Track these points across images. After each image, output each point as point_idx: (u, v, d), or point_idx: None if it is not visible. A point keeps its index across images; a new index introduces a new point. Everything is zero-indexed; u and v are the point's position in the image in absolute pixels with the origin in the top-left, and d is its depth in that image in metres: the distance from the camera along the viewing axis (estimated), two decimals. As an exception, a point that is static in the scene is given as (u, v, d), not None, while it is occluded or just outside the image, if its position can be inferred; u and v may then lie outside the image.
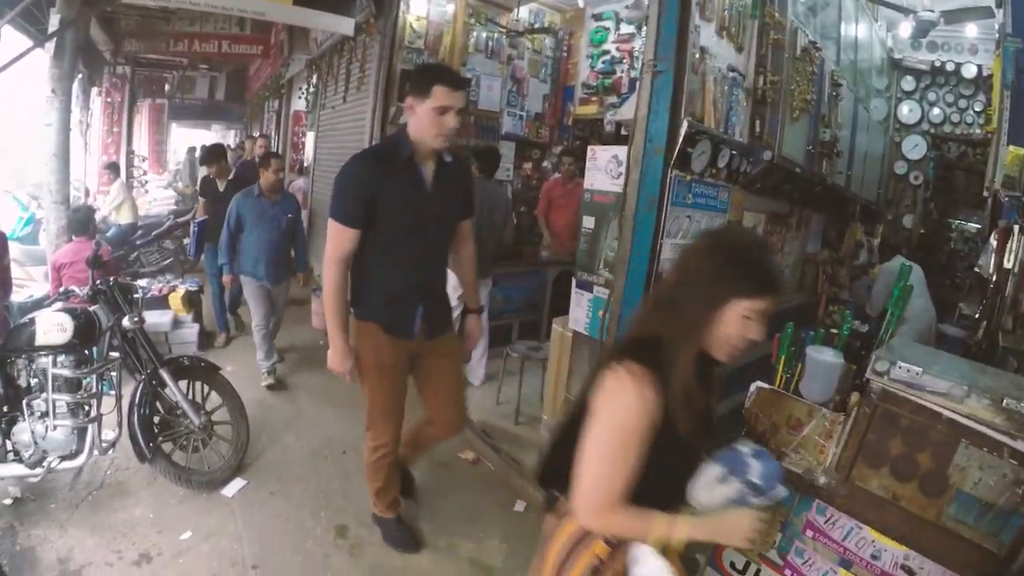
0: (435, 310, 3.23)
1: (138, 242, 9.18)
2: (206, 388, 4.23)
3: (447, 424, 3.52)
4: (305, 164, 11.27)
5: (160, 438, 3.91)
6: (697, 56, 3.51)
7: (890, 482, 2.23)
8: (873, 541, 2.24)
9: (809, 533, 2.38)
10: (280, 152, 11.83)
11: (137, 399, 3.82)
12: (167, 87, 18.56)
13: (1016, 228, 4.18)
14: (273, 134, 14.17)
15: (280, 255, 5.89)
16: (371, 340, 3.13)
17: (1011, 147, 4.03)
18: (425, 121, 2.85)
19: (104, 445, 3.72)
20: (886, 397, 2.24)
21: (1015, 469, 2.01)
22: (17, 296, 5.29)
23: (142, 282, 6.74)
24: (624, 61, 7.35)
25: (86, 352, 3.74)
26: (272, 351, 5.94)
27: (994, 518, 2.03)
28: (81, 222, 5.95)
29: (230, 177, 7.15)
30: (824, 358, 2.49)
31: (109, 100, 14.91)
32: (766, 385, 2.59)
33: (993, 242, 4.62)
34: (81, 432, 3.65)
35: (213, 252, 6.64)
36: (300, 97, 11.95)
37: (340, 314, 3.04)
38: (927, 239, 8.59)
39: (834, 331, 2.81)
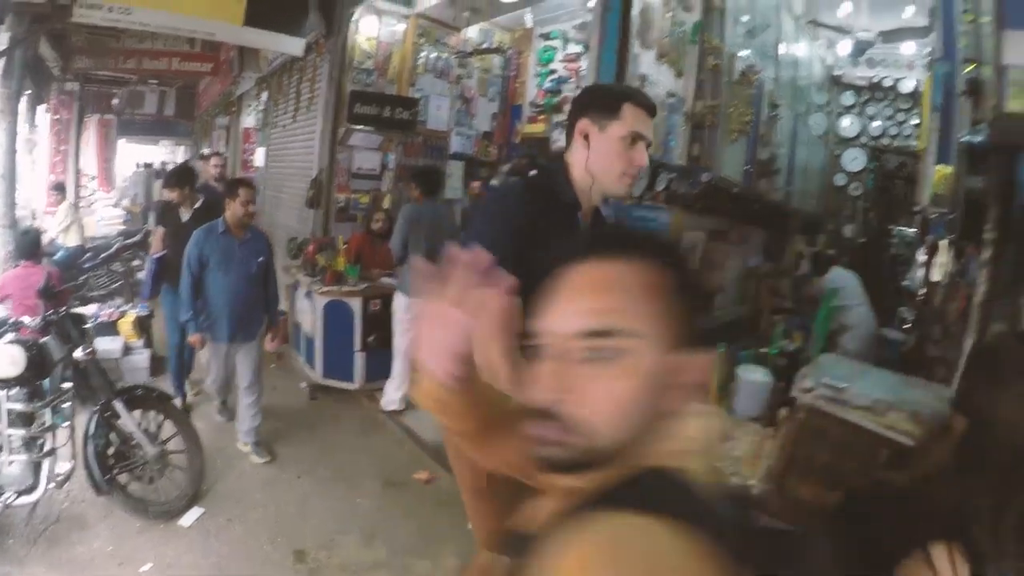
0: None
1: (86, 265, 8.99)
2: (160, 417, 4.21)
3: None
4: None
5: (116, 469, 3.90)
6: (637, 84, 3.65)
7: (820, 491, 2.35)
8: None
9: (747, 542, 2.50)
10: (222, 163, 11.72)
11: (91, 431, 3.81)
12: (115, 102, 18.26)
13: (943, 243, 4.38)
14: (223, 151, 14.06)
15: (249, 307, 4.90)
16: None
17: (938, 166, 4.21)
18: (607, 152, 2.10)
19: (60, 478, 3.72)
20: (812, 412, 2.38)
21: None
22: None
23: (91, 307, 6.66)
24: (571, 80, 7.47)
25: (38, 384, 3.72)
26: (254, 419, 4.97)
27: None
28: (29, 246, 5.89)
29: (197, 205, 5.83)
30: (754, 377, 2.64)
31: (57, 117, 14.64)
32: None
33: (922, 256, 4.83)
34: (36, 466, 3.64)
35: (173, 295, 5.38)
36: (250, 114, 11.91)
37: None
38: (868, 247, 8.84)
39: (764, 350, 2.95)
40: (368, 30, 7.31)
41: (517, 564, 0.91)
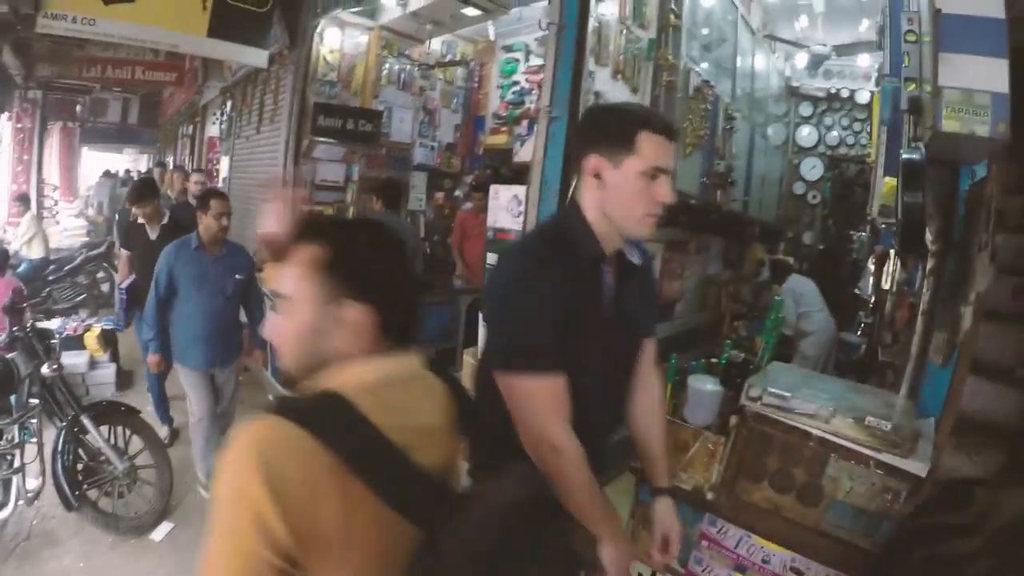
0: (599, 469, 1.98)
1: (50, 278, 8.91)
2: (127, 432, 4.20)
3: None
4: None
5: (85, 485, 3.90)
6: (592, 101, 3.76)
7: (771, 494, 2.48)
8: (762, 547, 2.47)
9: (704, 543, 2.61)
10: (203, 180, 11.63)
11: (60, 447, 3.82)
12: (79, 109, 18.07)
13: (892, 252, 4.53)
14: (187, 160, 13.99)
15: (227, 329, 4.48)
16: None
17: (887, 178, 4.33)
18: (626, 193, 1.75)
19: (29, 495, 3.75)
20: (760, 419, 2.50)
21: (882, 478, 2.27)
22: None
23: (56, 321, 6.62)
24: (534, 92, 7.56)
25: (5, 401, 3.75)
26: (213, 455, 4.39)
27: (868, 521, 2.29)
28: (-2, 262, 5.88)
29: (164, 222, 5.43)
30: (704, 387, 2.76)
31: (20, 126, 14.47)
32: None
33: (871, 265, 4.99)
34: (6, 483, 3.68)
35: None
36: (215, 123, 11.87)
37: (601, 501, 1.84)
38: (827, 253, 9.04)
39: (714, 360, 3.06)
40: (331, 42, 7.36)
41: None
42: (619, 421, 2.14)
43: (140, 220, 5.46)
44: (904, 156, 2.76)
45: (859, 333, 6.11)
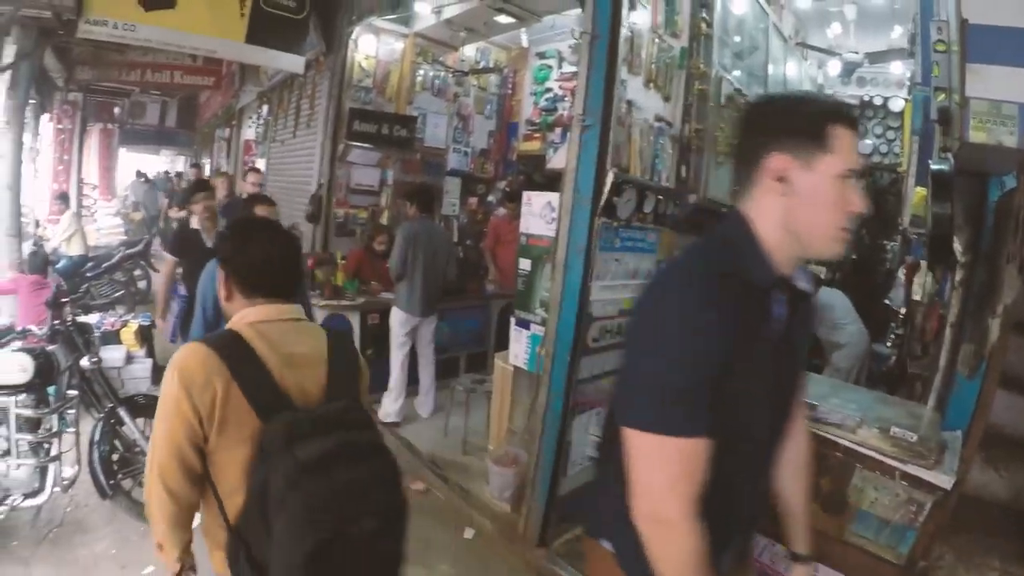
0: (747, 539, 1.87)
1: (88, 274, 9.05)
2: (163, 425, 4.26)
3: None
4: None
5: (120, 475, 3.99)
6: (624, 110, 3.78)
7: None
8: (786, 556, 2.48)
9: (728, 551, 2.62)
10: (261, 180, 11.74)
11: (96, 437, 3.92)
12: (117, 111, 18.38)
13: (922, 263, 4.50)
14: (224, 162, 14.19)
15: None
16: None
17: (918, 188, 4.31)
18: (823, 201, 1.41)
19: (65, 483, 3.81)
20: (786, 428, 2.50)
21: (907, 489, 2.27)
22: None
23: (94, 316, 6.75)
24: (566, 99, 7.61)
25: (45, 391, 3.82)
26: None
27: (891, 532, 2.29)
28: (39, 264, 6.05)
29: (219, 228, 5.04)
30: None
31: (60, 127, 14.77)
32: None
33: (902, 276, 4.95)
34: (43, 470, 3.73)
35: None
36: (251, 126, 12.04)
37: None
38: (860, 263, 8.93)
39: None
40: (367, 48, 7.47)
41: None
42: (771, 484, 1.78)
43: (195, 226, 5.30)
44: (933, 167, 2.76)
45: (889, 345, 6.05)
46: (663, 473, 1.37)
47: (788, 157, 1.39)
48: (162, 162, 23.23)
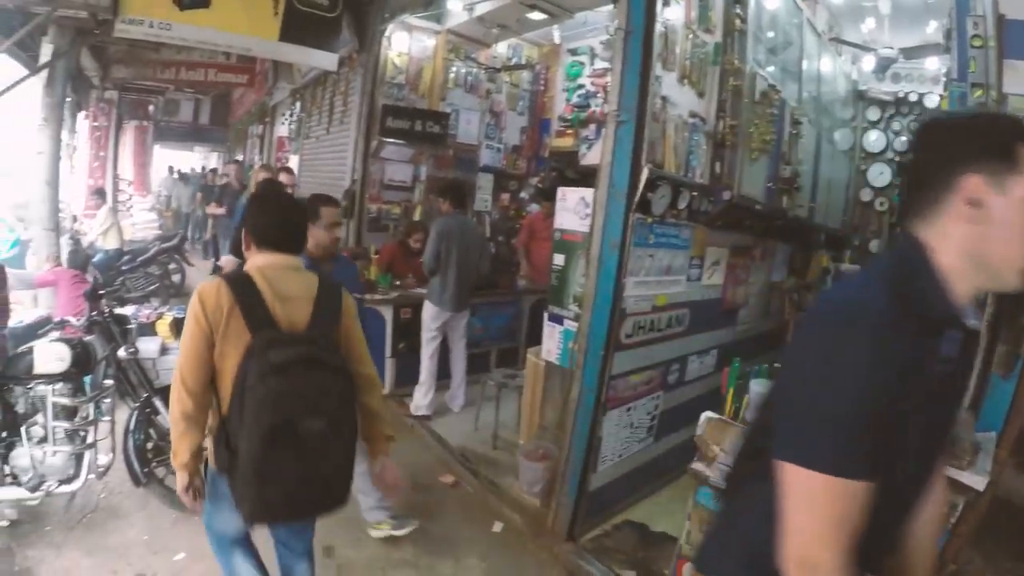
0: None
1: (124, 267, 9.25)
2: (197, 415, 4.32)
3: None
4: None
5: (154, 463, 4.05)
6: (659, 105, 3.76)
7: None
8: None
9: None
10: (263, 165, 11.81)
11: (131, 426, 3.99)
12: (152, 109, 18.63)
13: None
14: (257, 159, 14.31)
15: None
16: None
17: (955, 186, 4.22)
18: (1018, 227, 1.28)
19: (100, 470, 3.87)
20: (822, 427, 2.46)
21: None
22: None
23: (129, 309, 6.84)
24: (599, 95, 7.59)
25: (82, 380, 3.88)
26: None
27: None
28: (79, 260, 6.17)
29: None
30: (765, 391, 2.73)
31: (96, 124, 14.97)
32: (715, 415, 2.82)
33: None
34: (78, 457, 3.79)
35: None
36: (284, 123, 12.13)
37: None
38: (880, 260, 8.81)
39: (778, 366, 3.03)
40: (400, 46, 7.52)
41: None
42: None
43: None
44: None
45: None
46: (824, 516, 1.26)
47: (982, 180, 1.24)
48: (196, 159, 23.48)
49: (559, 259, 4.34)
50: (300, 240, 2.57)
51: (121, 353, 4.05)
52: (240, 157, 16.40)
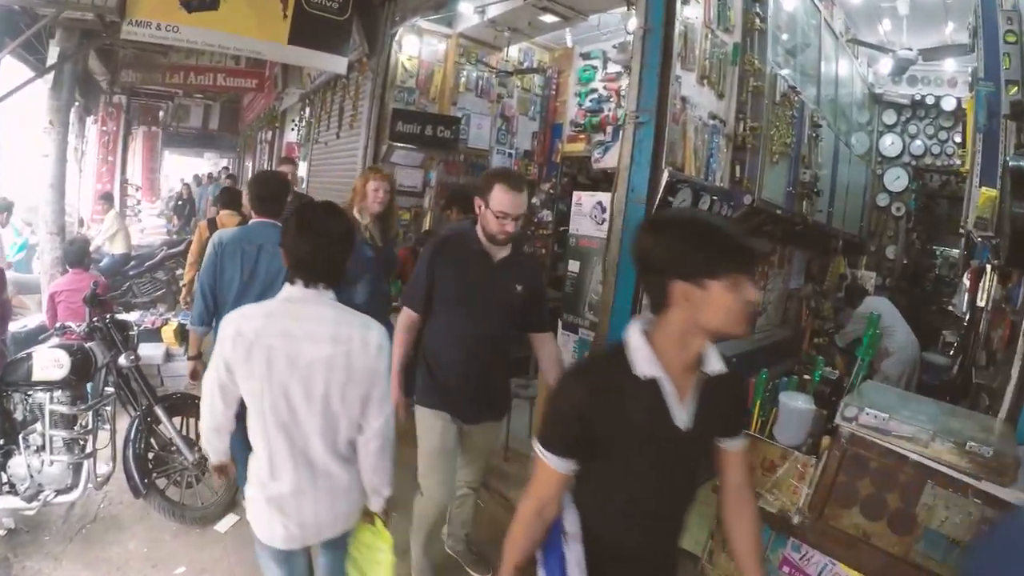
0: None
1: (131, 272, 9.20)
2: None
3: None
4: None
5: (154, 474, 3.97)
6: (679, 106, 3.65)
7: (861, 521, 2.33)
8: (846, 576, 2.30)
9: (785, 569, 2.48)
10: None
11: (132, 435, 3.90)
12: (161, 115, 18.69)
13: (988, 268, 4.30)
14: (265, 164, 14.27)
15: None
16: None
17: (983, 188, 4.14)
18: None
19: (99, 480, 3.80)
20: (855, 441, 2.35)
21: (980, 508, 2.10)
22: (11, 326, 5.34)
23: (135, 314, 6.78)
24: (611, 99, 7.48)
25: (82, 388, 3.82)
26: None
27: (962, 553, 2.12)
28: (77, 254, 6.02)
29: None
30: (796, 404, 2.61)
31: (104, 129, 15.00)
32: (742, 430, 2.69)
33: (966, 281, 4.75)
34: (77, 467, 3.72)
35: None
36: (293, 129, 12.07)
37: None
38: (911, 268, 8.72)
39: (806, 377, 2.92)
40: (410, 49, 7.42)
41: None
42: None
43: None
44: (1012, 163, 2.58)
45: (952, 351, 5.85)
46: None
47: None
48: (205, 164, 23.54)
49: (574, 266, 4.23)
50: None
51: (122, 361, 3.96)
52: (249, 163, 16.37)
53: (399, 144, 7.16)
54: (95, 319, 4.05)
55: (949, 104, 8.00)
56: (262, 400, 2.17)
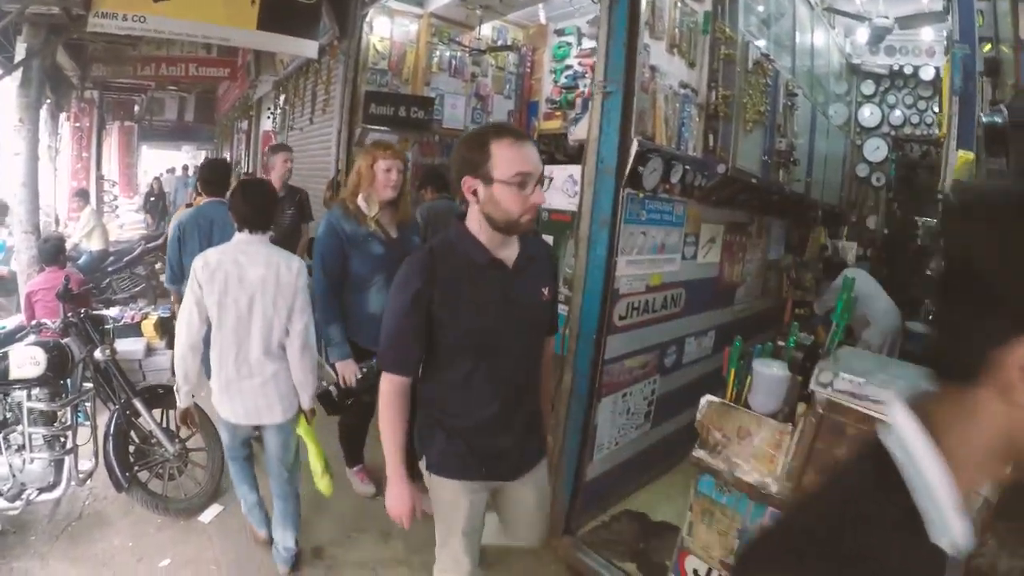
0: None
1: (110, 269, 9.13)
2: (180, 415, 4.23)
3: None
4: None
5: (136, 467, 3.94)
6: (647, 75, 3.60)
7: (840, 488, 2.29)
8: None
9: (765, 539, 2.45)
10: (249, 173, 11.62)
11: (112, 429, 3.87)
12: (136, 109, 18.52)
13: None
14: (244, 155, 14.17)
15: None
16: None
17: (960, 152, 4.13)
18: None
19: (81, 476, 3.80)
20: (831, 407, 2.32)
21: None
22: (-9, 328, 5.31)
23: (114, 310, 6.73)
24: (587, 75, 7.44)
25: (60, 384, 3.80)
26: None
27: None
28: (51, 252, 5.98)
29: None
30: (770, 371, 2.59)
31: (78, 125, 14.85)
32: (716, 398, 2.68)
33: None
34: (58, 464, 3.72)
35: None
36: (269, 118, 11.99)
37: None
38: (892, 238, 8.73)
39: (781, 344, 2.90)
40: (381, 31, 7.33)
41: None
42: None
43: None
44: (985, 119, 2.56)
45: (930, 319, 5.85)
46: None
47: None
48: (184, 157, 23.34)
49: (548, 240, 4.18)
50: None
51: (97, 354, 3.93)
52: (227, 153, 16.24)
53: (373, 127, 7.09)
54: (69, 314, 4.03)
55: (928, 74, 7.99)
56: (220, 309, 3.06)
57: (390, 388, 2.26)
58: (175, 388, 3.25)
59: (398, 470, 2.33)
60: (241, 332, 3.08)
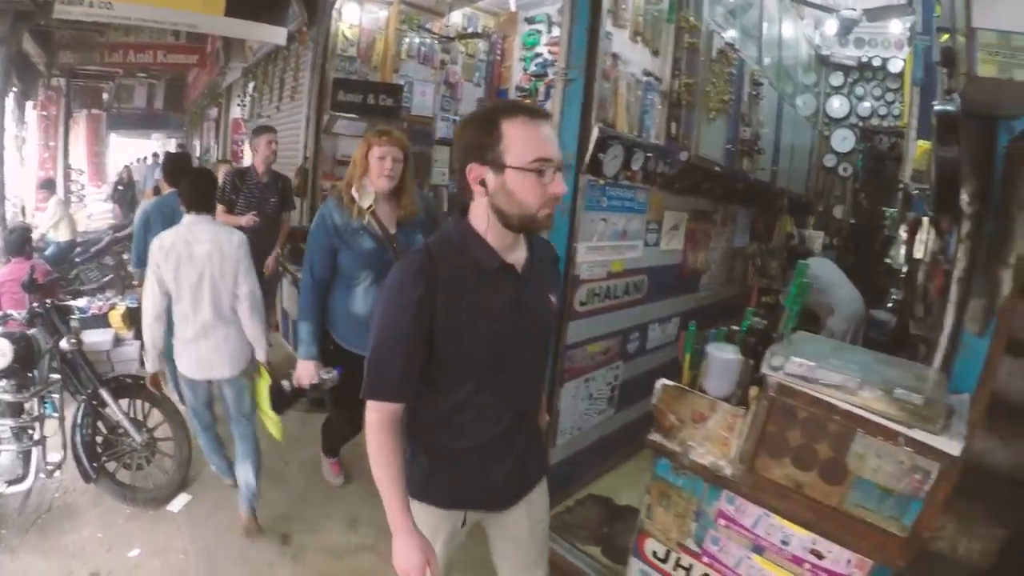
0: None
1: (77, 259, 9.04)
2: (147, 406, 4.22)
3: None
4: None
5: (104, 457, 3.95)
6: (609, 63, 3.63)
7: (792, 471, 2.33)
8: (781, 527, 2.36)
9: (721, 521, 2.50)
10: (221, 160, 11.50)
11: (79, 420, 3.87)
12: (105, 96, 18.26)
13: (925, 220, 4.36)
14: (213, 143, 14.05)
15: None
16: None
17: (919, 141, 4.18)
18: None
19: (49, 467, 3.79)
20: (782, 390, 2.34)
21: (911, 456, 2.11)
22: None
23: (82, 301, 6.68)
24: (556, 63, 7.45)
25: (27, 375, 3.80)
26: None
27: (895, 502, 2.14)
28: (16, 243, 5.93)
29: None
30: (724, 355, 2.64)
31: (44, 114, 14.64)
32: (671, 382, 2.72)
33: (903, 234, 4.82)
34: (26, 456, 3.73)
35: None
36: (239, 105, 11.89)
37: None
38: (858, 228, 8.84)
39: (735, 328, 2.94)
40: (350, 17, 7.32)
41: None
42: None
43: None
44: (937, 108, 2.60)
45: (889, 306, 5.94)
46: None
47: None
48: (154, 145, 23.05)
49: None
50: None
51: (64, 344, 3.91)
52: (196, 141, 16.09)
53: (341, 114, 7.06)
54: (35, 305, 4.02)
55: (896, 66, 8.07)
56: (176, 282, 3.49)
57: (380, 418, 1.87)
58: (143, 354, 3.85)
59: (402, 518, 1.90)
60: (195, 300, 3.54)
